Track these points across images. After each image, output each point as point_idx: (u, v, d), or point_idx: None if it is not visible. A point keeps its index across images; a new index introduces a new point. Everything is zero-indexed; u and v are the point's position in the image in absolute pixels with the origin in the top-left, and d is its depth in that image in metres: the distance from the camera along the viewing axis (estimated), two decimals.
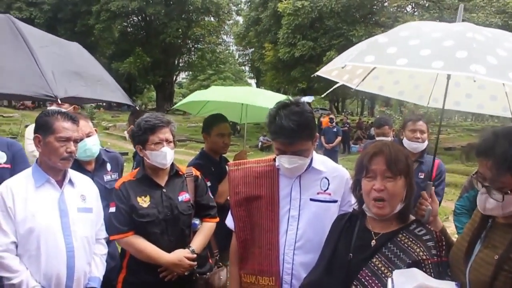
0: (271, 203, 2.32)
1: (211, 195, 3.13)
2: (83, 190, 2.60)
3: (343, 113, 44.90)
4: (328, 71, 2.45)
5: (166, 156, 2.70)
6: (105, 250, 2.73)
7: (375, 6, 27.27)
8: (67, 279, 2.40)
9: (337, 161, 8.11)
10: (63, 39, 2.91)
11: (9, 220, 2.33)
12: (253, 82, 54.98)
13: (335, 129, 14.28)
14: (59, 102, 2.34)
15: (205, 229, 2.93)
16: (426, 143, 4.06)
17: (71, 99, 2.57)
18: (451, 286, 1.61)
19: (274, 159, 2.37)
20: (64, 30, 41.01)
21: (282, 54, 27.76)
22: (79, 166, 2.96)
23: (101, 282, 2.62)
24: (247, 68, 56.67)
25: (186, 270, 2.72)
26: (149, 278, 2.70)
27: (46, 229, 2.36)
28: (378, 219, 1.92)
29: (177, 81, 58.59)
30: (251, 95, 4.52)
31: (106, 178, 3.17)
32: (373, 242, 1.89)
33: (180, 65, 48.71)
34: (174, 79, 50.67)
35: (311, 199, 2.29)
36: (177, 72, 50.48)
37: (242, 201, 2.38)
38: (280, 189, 2.33)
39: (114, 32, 41.44)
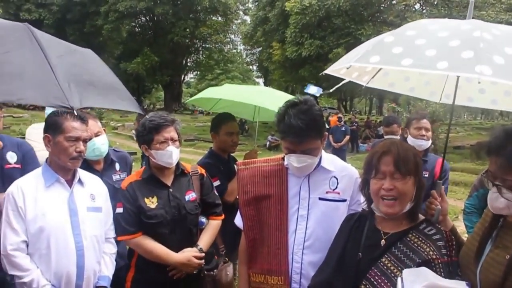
0: (280, 202, 2.32)
1: (219, 194, 3.14)
2: (93, 190, 2.62)
3: (351, 112, 44.87)
4: (336, 70, 2.44)
5: (172, 155, 2.70)
6: (115, 249, 2.75)
7: (383, 5, 27.15)
8: (77, 278, 2.42)
9: (346, 160, 8.10)
10: (78, 46, 2.92)
11: (20, 219, 2.35)
12: (261, 81, 55.01)
13: (344, 128, 14.25)
14: (75, 114, 2.36)
15: (212, 227, 2.94)
16: (430, 141, 4.08)
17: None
18: (462, 286, 1.59)
19: (283, 158, 2.36)
20: (73, 31, 41.35)
21: (290, 53, 27.74)
22: (88, 166, 2.98)
23: (111, 281, 2.63)
24: (255, 68, 56.71)
25: (195, 269, 2.74)
26: (158, 277, 2.71)
27: (56, 228, 2.38)
28: (388, 219, 1.91)
29: (185, 81, 58.79)
30: (264, 97, 4.47)
31: (115, 178, 3.19)
32: (383, 242, 1.88)
33: (188, 65, 48.85)
34: (182, 79, 50.88)
35: (320, 198, 2.29)
36: (185, 72, 50.67)
37: (251, 200, 2.38)
38: (289, 188, 2.32)
39: (122, 32, 41.65)
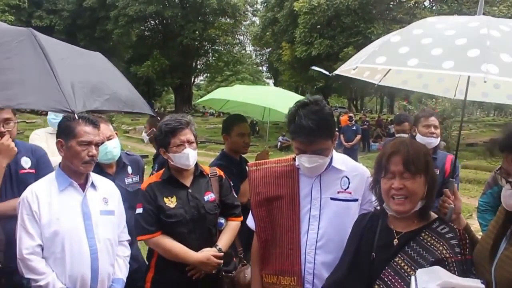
0: (292, 203, 2.32)
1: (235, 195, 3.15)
2: (105, 193, 2.64)
3: (362, 111, 44.63)
4: (346, 70, 2.43)
5: (189, 158, 2.72)
6: (128, 252, 2.77)
7: (392, 2, 26.95)
8: (92, 281, 2.44)
9: (357, 160, 8.05)
10: (86, 50, 2.93)
11: (35, 224, 2.38)
12: (271, 82, 55.04)
13: (354, 128, 14.15)
14: (76, 118, 2.37)
15: (231, 228, 2.95)
16: (439, 139, 4.07)
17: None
18: (477, 284, 1.57)
19: (294, 159, 2.36)
20: (83, 36, 41.85)
21: (299, 53, 27.65)
22: (101, 170, 3.01)
23: (125, 283, 2.65)
24: (265, 68, 56.71)
25: (214, 269, 2.74)
26: (177, 277, 2.72)
27: (70, 232, 2.41)
28: (400, 218, 1.90)
29: (195, 83, 58.97)
30: (274, 98, 4.46)
31: (127, 181, 3.21)
32: (395, 241, 1.88)
33: (198, 67, 48.99)
34: (192, 81, 51.04)
35: (332, 198, 2.28)
36: (195, 74, 50.83)
37: (263, 201, 2.38)
38: (301, 189, 2.32)
39: (132, 36, 42.03)
